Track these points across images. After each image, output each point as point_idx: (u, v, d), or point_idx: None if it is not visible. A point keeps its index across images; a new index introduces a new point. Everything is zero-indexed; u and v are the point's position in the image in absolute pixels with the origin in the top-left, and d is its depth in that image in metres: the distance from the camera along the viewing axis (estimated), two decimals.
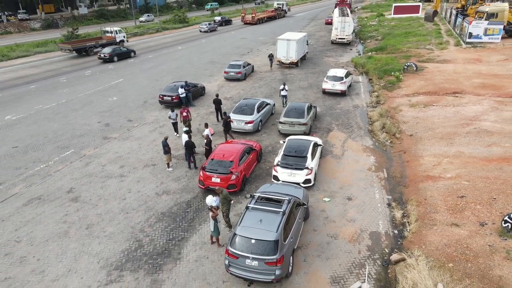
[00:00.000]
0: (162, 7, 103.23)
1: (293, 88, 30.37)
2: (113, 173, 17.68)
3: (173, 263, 12.13)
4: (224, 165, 15.65)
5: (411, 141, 20.27)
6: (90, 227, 13.89)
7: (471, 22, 39.47)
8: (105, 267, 12.00)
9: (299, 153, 16.35)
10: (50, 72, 36.30)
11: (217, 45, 50.01)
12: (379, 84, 30.61)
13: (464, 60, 34.95)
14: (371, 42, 49.35)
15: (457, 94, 26.26)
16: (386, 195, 15.63)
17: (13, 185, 16.67)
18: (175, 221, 14.24)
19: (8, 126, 23.04)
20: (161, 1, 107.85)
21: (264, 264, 10.43)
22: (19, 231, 13.66)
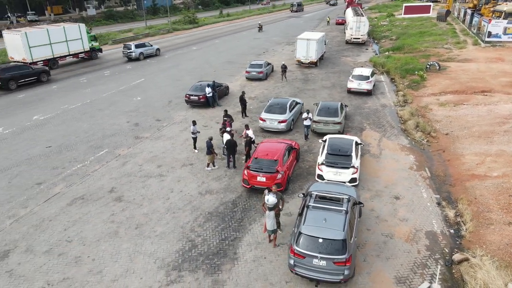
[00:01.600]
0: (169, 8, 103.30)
1: (317, 88, 30.21)
2: (152, 172, 17.49)
3: (231, 263, 11.93)
4: (268, 164, 15.45)
5: (447, 140, 20.06)
6: (139, 227, 13.70)
7: (490, 21, 39.24)
8: (162, 267, 11.80)
9: (343, 151, 16.16)
10: (69, 73, 36.13)
11: (232, 45, 49.88)
12: (403, 83, 30.42)
13: (485, 59, 34.73)
14: (386, 42, 49.19)
15: (486, 93, 26.05)
16: (434, 194, 15.42)
17: (53, 185, 16.50)
18: (224, 220, 14.04)
19: (38, 126, 22.88)
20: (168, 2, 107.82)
21: (332, 264, 10.22)
22: (68, 231, 13.48)
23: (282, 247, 12.58)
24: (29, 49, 34.52)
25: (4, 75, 30.02)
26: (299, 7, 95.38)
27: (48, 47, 36.26)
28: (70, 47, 38.74)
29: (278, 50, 45.74)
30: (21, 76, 31.21)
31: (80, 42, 39.73)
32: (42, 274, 11.52)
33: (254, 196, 15.58)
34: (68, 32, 38.14)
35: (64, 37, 37.81)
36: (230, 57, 42.41)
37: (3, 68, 30.82)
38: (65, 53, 38.39)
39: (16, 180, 16.89)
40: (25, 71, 31.61)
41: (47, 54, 36.35)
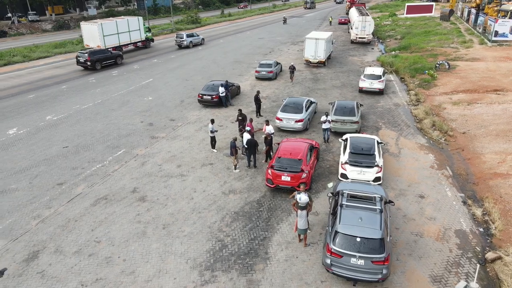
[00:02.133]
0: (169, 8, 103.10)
1: (327, 87, 30.21)
2: (172, 172, 17.41)
3: (263, 263, 11.88)
4: (292, 163, 15.41)
5: (465, 138, 20.09)
6: (167, 227, 13.63)
7: (497, 20, 39.37)
8: (195, 267, 11.74)
9: (366, 150, 16.14)
10: (77, 73, 35.94)
11: (237, 45, 49.80)
12: (413, 82, 30.46)
13: (494, 58, 34.85)
14: (391, 42, 49.29)
15: (499, 92, 26.13)
16: (458, 193, 15.43)
17: (75, 185, 16.39)
18: (251, 220, 13.99)
19: (52, 126, 22.74)
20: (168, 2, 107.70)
21: (370, 263, 10.20)
22: (96, 232, 13.39)
23: (312, 247, 12.54)
24: (103, 37, 40.45)
25: (93, 57, 36.00)
26: (312, 4, 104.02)
27: (116, 36, 42.21)
28: (132, 36, 44.75)
29: (284, 50, 45.71)
30: (104, 58, 37.43)
31: (138, 32, 45.78)
32: (75, 275, 11.43)
33: (278, 195, 15.54)
34: (130, 24, 44.17)
35: (127, 28, 43.78)
36: (237, 56, 42.35)
37: (92, 52, 36.57)
38: (127, 41, 44.31)
39: (36, 180, 16.76)
40: (106, 54, 37.91)
41: (115, 42, 42.19)
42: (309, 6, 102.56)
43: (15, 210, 14.66)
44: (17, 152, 19.47)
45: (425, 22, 58.64)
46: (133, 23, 44.62)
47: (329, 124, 19.72)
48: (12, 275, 11.44)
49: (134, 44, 45.55)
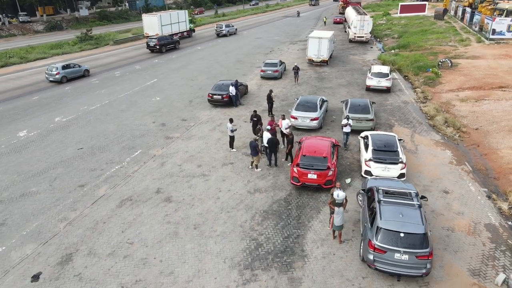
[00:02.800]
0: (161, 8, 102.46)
1: (334, 86, 30.37)
2: (194, 172, 17.30)
3: (301, 261, 11.89)
4: (318, 161, 15.45)
5: (479, 134, 20.41)
6: (198, 227, 13.54)
7: (495, 19, 40.08)
8: (234, 266, 11.69)
9: (389, 147, 16.27)
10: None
11: (236, 45, 49.71)
12: (418, 80, 30.80)
13: (493, 56, 35.44)
14: (389, 40, 49.80)
15: (504, 89, 26.58)
16: (481, 188, 15.66)
17: (96, 187, 16.16)
18: (281, 218, 13.98)
19: (63, 128, 22.39)
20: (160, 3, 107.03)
21: (415, 258, 10.28)
22: (127, 233, 13.23)
23: (347, 243, 12.60)
24: (161, 27, 49.08)
25: (161, 42, 44.29)
26: (316, 1, 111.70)
27: (169, 26, 50.81)
28: (180, 27, 53.27)
29: (284, 49, 45.79)
30: (168, 43, 45.71)
31: (185, 23, 54.47)
32: (113, 277, 11.27)
33: (305, 193, 15.57)
34: (180, 16, 52.86)
35: (178, 19, 52.45)
36: (238, 56, 42.28)
37: (159, 38, 45.02)
38: (177, 31, 52.26)
39: (56, 183, 16.49)
40: (169, 40, 46.35)
41: (169, 31, 50.30)
42: (313, 3, 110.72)
43: (40, 213, 14.40)
44: (31, 154, 19.12)
45: (420, 21, 59.28)
46: (181, 16, 53.41)
47: (350, 127, 19.04)
48: (48, 279, 11.23)
49: (181, 33, 53.23)
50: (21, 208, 14.66)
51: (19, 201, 15.15)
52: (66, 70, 32.57)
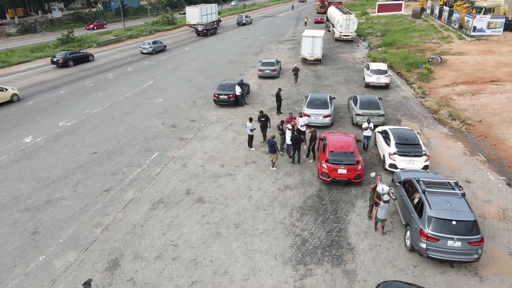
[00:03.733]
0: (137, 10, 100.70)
1: (333, 84, 30.89)
2: (219, 172, 17.23)
3: (350, 254, 12.13)
4: (347, 156, 15.77)
5: (483, 126, 21.37)
6: (239, 226, 13.54)
7: (475, 17, 41.92)
8: (286, 262, 11.78)
9: (411, 141, 16.80)
10: (69, 77, 34.39)
11: (224, 45, 49.58)
12: (412, 76, 31.81)
13: (477, 52, 37.08)
14: (373, 39, 51.11)
15: (496, 82, 27.89)
16: (499, 176, 16.44)
17: (123, 191, 15.82)
18: (319, 214, 14.19)
19: (70, 132, 21.71)
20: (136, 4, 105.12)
21: (467, 244, 10.72)
22: (168, 235, 13.05)
23: (389, 234, 12.95)
24: (201, 16, 60.50)
25: (207, 27, 57.29)
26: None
27: (206, 16, 62.07)
28: (212, 17, 64.71)
29: (273, 49, 46.08)
30: (211, 28, 58.77)
31: (215, 15, 66.28)
32: (168, 280, 11.13)
33: (334, 188, 15.84)
34: (212, 9, 64.78)
35: (211, 11, 64.27)
36: (229, 56, 42.20)
37: (204, 24, 58.00)
38: (211, 20, 62.97)
39: (80, 188, 16.01)
40: (212, 26, 59.51)
41: (205, 21, 61.14)
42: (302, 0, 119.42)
43: (71, 219, 13.96)
44: (44, 160, 18.45)
45: (399, 20, 61.13)
46: (213, 8, 65.21)
47: (371, 131, 18.68)
48: (101, 285, 10.95)
49: (213, 22, 62.77)
50: (50, 216, 14.16)
51: (46, 208, 14.62)
52: (155, 45, 44.15)
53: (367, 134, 18.63)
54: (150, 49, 43.28)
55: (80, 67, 37.91)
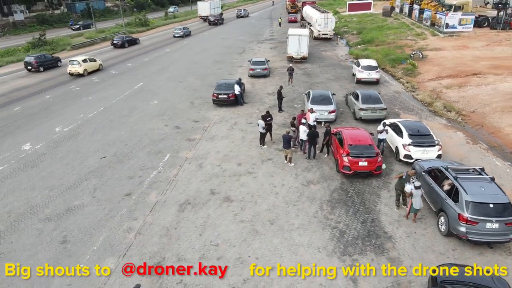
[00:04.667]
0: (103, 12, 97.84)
1: (324, 81, 31.47)
2: (237, 171, 17.18)
3: (390, 242, 12.49)
4: (366, 148, 16.19)
5: (477, 116, 22.55)
6: (274, 222, 13.59)
7: (447, 14, 44.03)
8: (331, 254, 11.97)
9: (423, 132, 17.47)
10: (51, 81, 32.96)
11: (205, 46, 49.18)
12: (398, 72, 32.96)
13: (453, 47, 38.96)
14: (349, 37, 52.43)
15: (479, 75, 29.46)
16: (504, 162, 17.42)
17: (145, 194, 15.43)
18: (348, 206, 14.49)
19: (70, 138, 20.86)
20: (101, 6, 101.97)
21: (504, 225, 11.35)
22: (206, 236, 12.90)
23: (421, 221, 13.43)
24: (210, 9, 73.43)
25: (216, 18, 69.64)
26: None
27: (213, 9, 74.66)
28: (218, 11, 77.61)
29: (255, 49, 46.23)
30: (220, 19, 70.75)
31: (220, 9, 79.97)
32: (219, 279, 11.00)
33: (355, 181, 16.21)
34: (217, 3, 77.95)
35: (217, 5, 77.46)
36: (213, 57, 41.93)
37: (212, 15, 70.80)
38: (216, 13, 74.54)
39: (98, 194, 15.45)
40: (218, 18, 70.77)
41: (213, 13, 73.34)
42: None
43: (99, 226, 13.47)
44: (51, 167, 17.65)
45: (372, 18, 63.06)
46: (218, 3, 78.21)
47: (386, 134, 17.96)
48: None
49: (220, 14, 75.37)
50: (75, 223, 13.58)
51: (68, 216, 14.01)
52: (184, 31, 56.33)
53: (382, 137, 17.77)
54: (181, 33, 55.88)
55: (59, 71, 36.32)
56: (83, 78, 33.77)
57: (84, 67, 34.22)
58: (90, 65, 35.13)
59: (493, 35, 42.41)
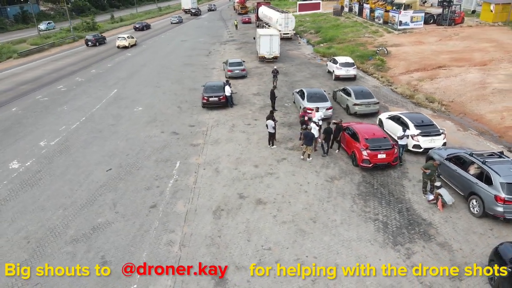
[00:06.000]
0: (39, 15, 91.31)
1: (302, 79, 32.05)
2: (258, 173, 16.95)
3: (432, 228, 13.06)
4: (382, 141, 16.76)
5: (457, 105, 24.29)
6: (316, 220, 13.61)
7: (400, 12, 46.87)
8: (383, 246, 12.24)
9: (426, 122, 18.46)
10: (10, 92, 30.07)
11: (167, 49, 47.82)
12: (369, 68, 34.49)
13: (410, 43, 41.53)
14: (308, 36, 53.86)
15: (444, 68, 31.71)
16: (496, 145, 18.95)
17: (171, 204, 14.69)
18: (378, 198, 14.91)
19: (60, 152, 19.23)
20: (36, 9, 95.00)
21: None
22: (255, 241, 12.59)
23: (451, 206, 14.15)
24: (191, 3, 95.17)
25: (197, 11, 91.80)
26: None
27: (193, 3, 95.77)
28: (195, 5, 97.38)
29: (220, 50, 45.84)
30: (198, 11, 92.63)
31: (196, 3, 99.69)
32: (286, 282, 10.81)
33: (375, 173, 16.73)
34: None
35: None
36: (181, 59, 40.93)
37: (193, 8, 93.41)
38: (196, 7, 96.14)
39: (120, 208, 14.42)
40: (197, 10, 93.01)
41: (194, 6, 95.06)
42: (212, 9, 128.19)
43: (136, 242, 12.60)
44: (55, 185, 16.15)
45: (324, 17, 65.27)
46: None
47: (407, 139, 17.39)
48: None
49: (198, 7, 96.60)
50: (108, 242, 12.56)
51: (97, 235, 12.92)
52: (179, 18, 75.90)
53: (402, 143, 17.20)
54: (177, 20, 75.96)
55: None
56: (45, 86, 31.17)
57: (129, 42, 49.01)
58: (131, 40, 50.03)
59: (441, 30, 45.80)
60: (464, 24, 47.64)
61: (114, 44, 49.59)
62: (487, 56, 33.12)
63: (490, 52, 34.36)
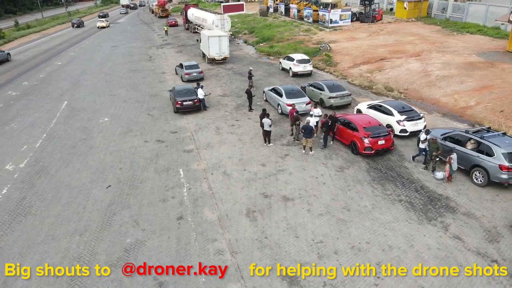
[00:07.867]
0: None
1: (262, 77, 32.39)
2: (269, 171, 16.87)
3: (452, 201, 14.33)
4: (379, 129, 17.89)
5: (412, 92, 26.78)
6: (349, 208, 14.04)
7: (330, 11, 49.84)
8: (421, 223, 13.13)
9: (406, 108, 20.11)
10: None
11: (101, 56, 44.50)
12: (318, 63, 36.16)
13: (344, 39, 44.42)
14: (243, 36, 54.53)
15: (386, 60, 34.58)
16: (463, 123, 21.38)
17: (197, 213, 13.96)
18: (391, 181, 15.90)
19: (37, 174, 16.98)
20: None
21: None
22: (303, 237, 12.58)
23: (455, 180, 15.67)
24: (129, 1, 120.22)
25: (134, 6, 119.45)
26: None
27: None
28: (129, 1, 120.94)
29: (161, 54, 44.14)
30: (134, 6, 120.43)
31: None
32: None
33: (377, 159, 17.76)
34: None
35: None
36: (124, 65, 38.53)
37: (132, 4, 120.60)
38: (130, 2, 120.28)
39: (145, 225, 13.29)
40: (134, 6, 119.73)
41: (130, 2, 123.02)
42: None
43: (182, 256, 11.79)
44: (52, 211, 14.24)
45: (252, 18, 66.50)
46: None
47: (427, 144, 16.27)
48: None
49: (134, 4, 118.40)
50: (152, 261, 11.53)
51: (136, 256, 11.79)
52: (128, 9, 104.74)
53: (422, 146, 16.56)
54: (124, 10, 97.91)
55: None
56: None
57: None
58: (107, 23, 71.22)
59: (367, 27, 49.70)
60: (384, 21, 52.25)
61: (31, 53, 44.63)
62: (418, 48, 36.83)
63: (418, 44, 38.25)
